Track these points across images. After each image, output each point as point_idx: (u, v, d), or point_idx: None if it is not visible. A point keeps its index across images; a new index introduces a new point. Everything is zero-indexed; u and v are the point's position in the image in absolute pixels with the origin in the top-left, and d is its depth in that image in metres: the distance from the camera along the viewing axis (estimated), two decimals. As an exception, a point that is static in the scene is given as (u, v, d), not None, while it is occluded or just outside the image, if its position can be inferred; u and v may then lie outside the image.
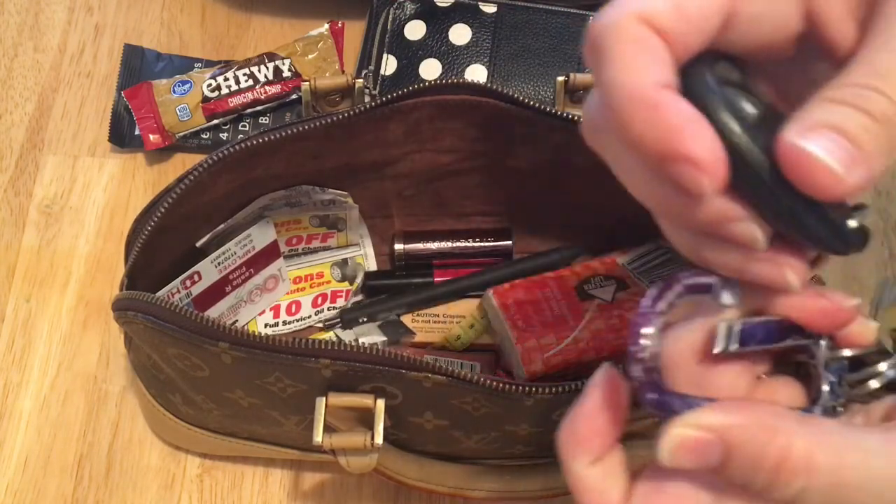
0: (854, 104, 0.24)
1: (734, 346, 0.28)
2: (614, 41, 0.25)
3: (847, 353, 0.29)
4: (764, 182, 0.25)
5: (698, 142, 0.24)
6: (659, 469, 0.27)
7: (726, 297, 0.28)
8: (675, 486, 0.27)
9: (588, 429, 0.28)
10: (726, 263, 0.27)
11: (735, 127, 0.25)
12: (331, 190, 0.57)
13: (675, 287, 0.27)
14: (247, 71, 0.67)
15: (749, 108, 0.26)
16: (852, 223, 0.26)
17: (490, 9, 0.66)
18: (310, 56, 0.69)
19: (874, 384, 0.29)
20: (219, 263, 0.55)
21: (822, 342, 0.29)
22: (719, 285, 0.28)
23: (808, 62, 0.28)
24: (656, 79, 0.24)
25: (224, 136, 0.68)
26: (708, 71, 0.26)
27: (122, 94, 0.68)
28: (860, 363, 0.30)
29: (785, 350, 0.30)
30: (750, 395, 0.29)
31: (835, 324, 0.29)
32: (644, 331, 0.27)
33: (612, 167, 0.28)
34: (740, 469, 0.26)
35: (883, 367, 0.29)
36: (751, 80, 0.28)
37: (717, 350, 0.28)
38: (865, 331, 0.29)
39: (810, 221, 0.26)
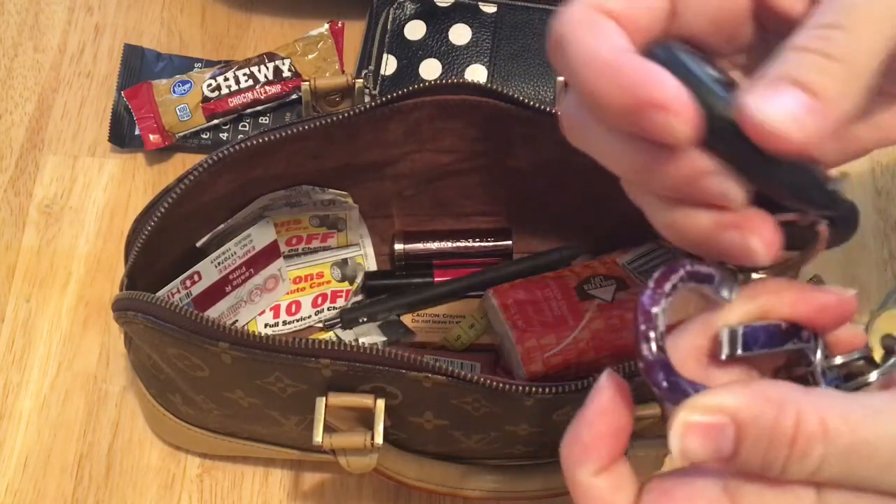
0: (813, 48, 0.24)
1: (739, 351, 0.28)
2: (571, 29, 0.26)
3: (839, 360, 0.29)
4: (735, 135, 0.25)
5: (664, 87, 0.25)
6: (666, 475, 0.27)
7: (725, 292, 0.28)
8: (685, 488, 0.26)
9: (593, 434, 0.27)
10: (697, 229, 0.27)
11: (704, 78, 0.25)
12: (331, 190, 0.57)
13: (679, 270, 0.27)
14: (247, 71, 0.67)
15: (715, 72, 0.26)
16: (833, 186, 0.26)
17: (490, 9, 0.66)
18: (310, 56, 0.69)
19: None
20: (219, 263, 0.55)
21: (819, 351, 0.29)
22: (719, 278, 0.28)
23: (769, 48, 0.28)
24: (613, 45, 0.25)
25: (224, 136, 0.68)
26: (671, 44, 0.27)
27: (122, 94, 0.68)
28: (850, 373, 0.30)
29: (786, 361, 0.30)
30: None
31: (836, 318, 0.29)
32: (654, 309, 0.27)
33: (595, 156, 0.29)
34: (755, 450, 0.25)
35: (873, 376, 0.29)
36: (712, 60, 0.28)
37: (723, 355, 0.28)
38: (855, 334, 0.29)
39: (783, 173, 0.25)
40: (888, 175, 0.67)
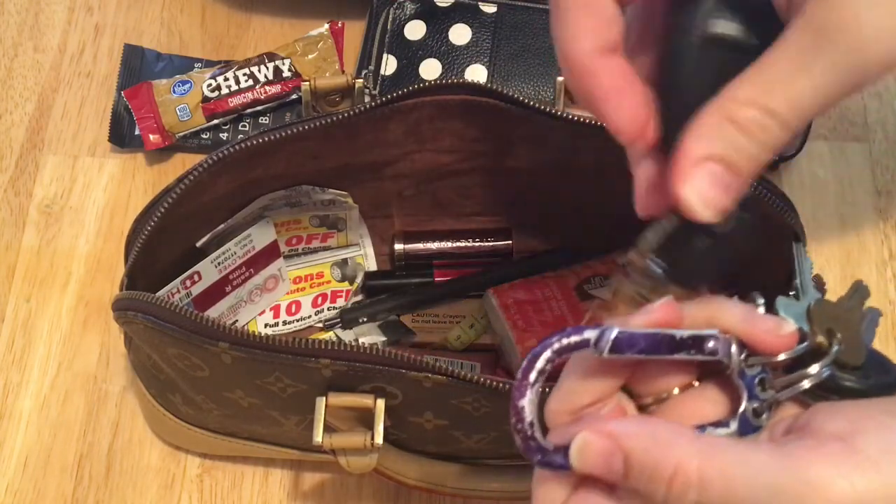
0: (734, 121, 0.26)
1: (606, 353, 0.28)
2: (566, 6, 0.28)
3: (782, 357, 0.30)
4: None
5: (621, 113, 0.27)
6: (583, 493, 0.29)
7: (605, 346, 0.28)
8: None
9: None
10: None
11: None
12: (331, 190, 0.57)
13: (544, 354, 0.29)
14: (247, 71, 0.67)
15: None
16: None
17: (490, 9, 0.66)
18: (310, 56, 0.69)
19: (805, 384, 0.30)
20: (219, 263, 0.55)
21: (734, 351, 0.29)
22: (596, 339, 0.28)
23: None
24: (595, 45, 0.27)
25: (224, 136, 0.68)
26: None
27: (122, 94, 0.68)
28: (793, 364, 0.30)
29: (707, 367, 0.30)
30: (670, 407, 0.31)
31: (776, 346, 0.30)
32: (520, 403, 0.29)
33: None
34: (640, 478, 0.27)
35: (814, 368, 0.30)
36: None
37: (593, 352, 0.29)
38: (780, 337, 0.30)
39: None
40: (888, 175, 0.67)
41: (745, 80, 0.27)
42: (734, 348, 0.29)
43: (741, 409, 0.30)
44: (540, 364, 0.29)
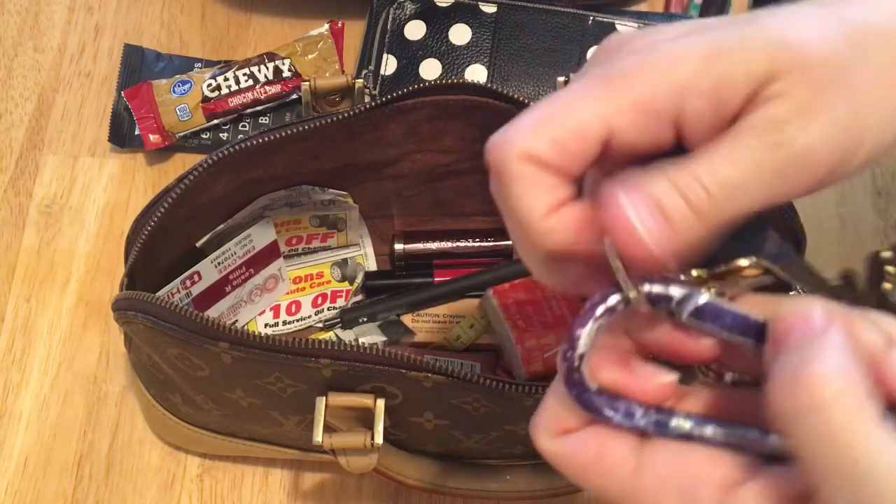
0: (681, 187, 0.27)
1: (683, 316, 0.28)
2: (508, 178, 0.28)
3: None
4: None
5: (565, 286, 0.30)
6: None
7: (686, 309, 0.28)
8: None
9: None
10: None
11: None
12: (331, 190, 0.57)
13: (619, 294, 0.28)
14: (247, 71, 0.67)
15: None
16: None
17: (490, 9, 0.66)
18: (310, 56, 0.69)
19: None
20: (219, 263, 0.55)
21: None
22: (687, 297, 0.28)
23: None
24: (542, 210, 0.28)
25: (224, 136, 0.68)
26: None
27: (122, 94, 0.68)
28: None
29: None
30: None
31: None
32: (577, 332, 0.28)
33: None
34: None
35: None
36: None
37: (675, 315, 0.28)
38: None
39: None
40: (888, 175, 0.67)
41: (693, 156, 0.28)
42: None
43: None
44: (612, 301, 0.28)
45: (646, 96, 0.27)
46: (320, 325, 0.61)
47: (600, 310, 0.28)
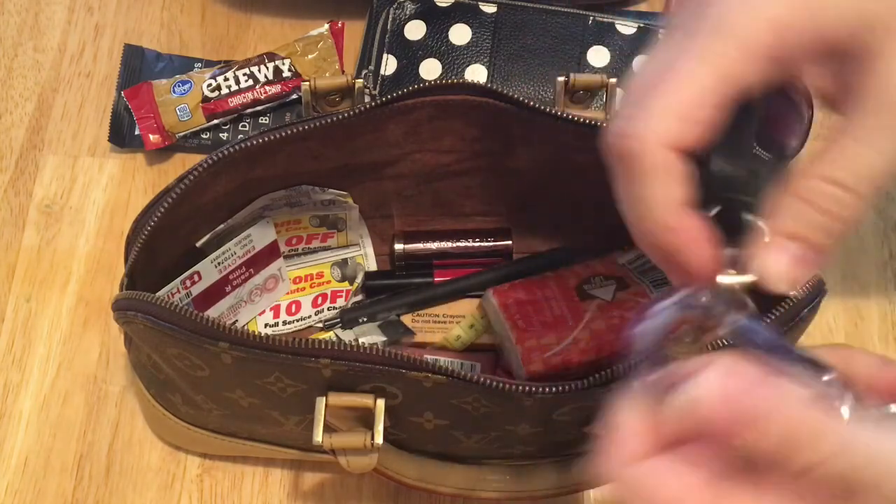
0: (814, 202, 0.27)
1: (723, 330, 0.28)
2: (642, 169, 0.28)
3: (893, 409, 0.29)
4: None
5: (694, 262, 0.29)
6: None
7: (728, 326, 0.29)
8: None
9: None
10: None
11: None
12: (331, 190, 0.57)
13: (697, 293, 0.29)
14: (247, 71, 0.67)
15: None
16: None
17: (490, 9, 0.66)
18: (310, 56, 0.69)
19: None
20: (219, 263, 0.55)
21: (847, 403, 0.28)
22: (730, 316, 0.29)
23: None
24: (670, 206, 0.28)
25: (224, 136, 0.68)
26: None
27: (122, 94, 0.68)
28: None
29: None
30: None
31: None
32: (657, 305, 0.29)
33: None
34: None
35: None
36: None
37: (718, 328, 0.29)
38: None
39: None
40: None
41: (816, 158, 0.28)
42: (848, 395, 0.29)
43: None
44: (678, 296, 0.29)
45: (748, 40, 0.27)
46: (320, 325, 0.61)
47: (667, 303, 0.29)
